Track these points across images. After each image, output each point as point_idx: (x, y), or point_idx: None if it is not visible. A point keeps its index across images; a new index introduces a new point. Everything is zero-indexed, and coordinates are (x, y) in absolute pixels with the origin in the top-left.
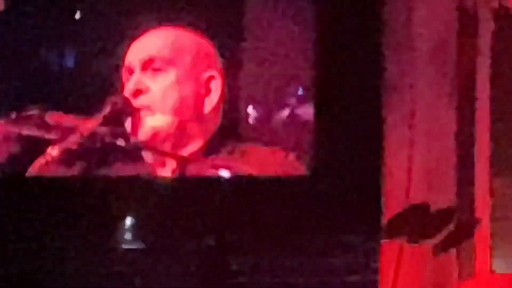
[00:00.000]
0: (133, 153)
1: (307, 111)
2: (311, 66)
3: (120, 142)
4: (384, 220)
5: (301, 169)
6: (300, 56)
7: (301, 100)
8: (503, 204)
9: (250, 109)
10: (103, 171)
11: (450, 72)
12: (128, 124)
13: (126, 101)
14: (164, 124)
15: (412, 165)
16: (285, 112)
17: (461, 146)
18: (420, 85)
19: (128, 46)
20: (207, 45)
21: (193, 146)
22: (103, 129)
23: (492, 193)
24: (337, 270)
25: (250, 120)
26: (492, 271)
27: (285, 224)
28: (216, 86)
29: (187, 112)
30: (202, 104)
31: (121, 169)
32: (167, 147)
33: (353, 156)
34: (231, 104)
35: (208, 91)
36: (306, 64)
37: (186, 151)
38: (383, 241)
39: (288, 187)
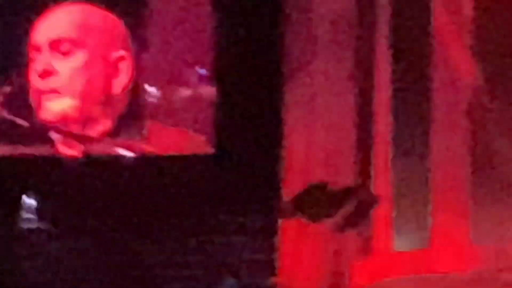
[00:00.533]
0: (38, 134)
1: (209, 91)
2: (212, 46)
3: (23, 122)
4: (284, 199)
5: (204, 149)
6: (202, 35)
7: (203, 80)
8: (402, 183)
9: (153, 89)
10: (6, 150)
11: (350, 51)
12: (34, 105)
13: (29, 82)
14: (72, 107)
15: (312, 144)
16: (188, 92)
17: (360, 125)
18: (319, 65)
19: (35, 22)
20: (117, 24)
21: (101, 127)
22: (4, 108)
23: (391, 171)
24: (236, 250)
25: (154, 100)
26: (392, 250)
27: (187, 203)
28: (126, 67)
29: (96, 94)
30: (110, 85)
31: (26, 149)
32: (74, 128)
33: (254, 136)
34: (136, 84)
35: (117, 72)
36: (207, 44)
37: (93, 132)
38: (282, 220)
39: (190, 167)
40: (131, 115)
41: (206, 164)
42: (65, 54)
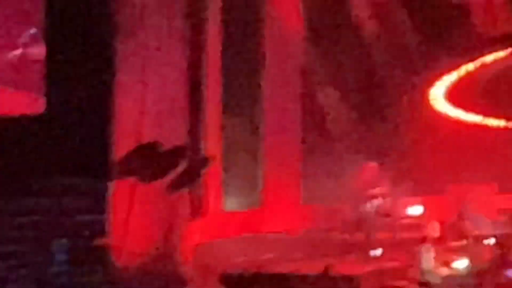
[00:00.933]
0: None
1: (39, 51)
2: (43, 7)
3: None
4: (115, 160)
5: (33, 109)
6: None
7: (33, 40)
8: (233, 143)
9: None
10: None
11: (180, 15)
12: None
13: None
14: None
15: (144, 106)
16: (18, 52)
17: (192, 86)
18: (151, 28)
19: None
20: None
21: None
22: None
23: (223, 132)
24: (67, 211)
25: None
26: (222, 210)
27: (17, 164)
28: None
29: None
30: None
31: None
32: None
33: (85, 97)
34: None
35: None
36: (38, 4)
37: None
38: (113, 181)
39: (19, 127)
40: None
41: (35, 124)
42: None
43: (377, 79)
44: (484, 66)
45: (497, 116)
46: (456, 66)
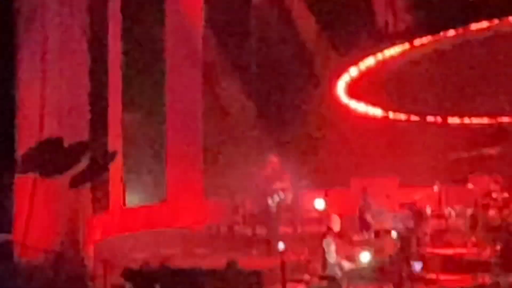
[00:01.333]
0: None
1: None
2: None
3: None
4: (17, 155)
5: None
6: None
7: None
8: (136, 139)
9: None
10: None
11: (82, 12)
12: None
13: None
14: None
15: (45, 101)
16: None
17: (94, 83)
18: (52, 23)
19: None
20: None
21: None
22: None
23: (125, 127)
24: None
25: None
26: (125, 205)
27: None
28: None
29: None
30: None
31: None
32: None
33: None
34: None
35: None
36: None
37: None
38: (16, 176)
39: None
40: None
41: None
42: None
43: (280, 74)
44: (384, 61)
45: (397, 110)
46: (357, 61)
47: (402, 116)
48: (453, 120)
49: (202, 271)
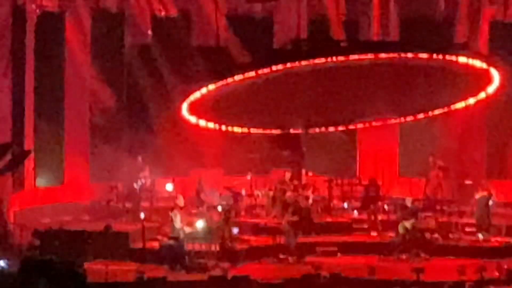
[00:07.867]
0: None
1: None
2: None
3: None
4: None
5: None
6: None
7: None
8: (45, 137)
9: None
10: None
11: (6, 43)
12: None
13: None
14: None
15: None
16: None
17: (14, 99)
18: None
19: None
20: None
21: None
22: None
23: (37, 130)
24: None
25: None
26: (35, 186)
27: None
28: None
29: None
30: None
31: None
32: None
33: None
34: None
35: None
36: None
37: None
38: None
39: None
40: None
41: None
42: None
43: (142, 95)
44: (221, 86)
45: (226, 123)
46: (203, 86)
47: (229, 128)
48: (275, 131)
49: (87, 232)
